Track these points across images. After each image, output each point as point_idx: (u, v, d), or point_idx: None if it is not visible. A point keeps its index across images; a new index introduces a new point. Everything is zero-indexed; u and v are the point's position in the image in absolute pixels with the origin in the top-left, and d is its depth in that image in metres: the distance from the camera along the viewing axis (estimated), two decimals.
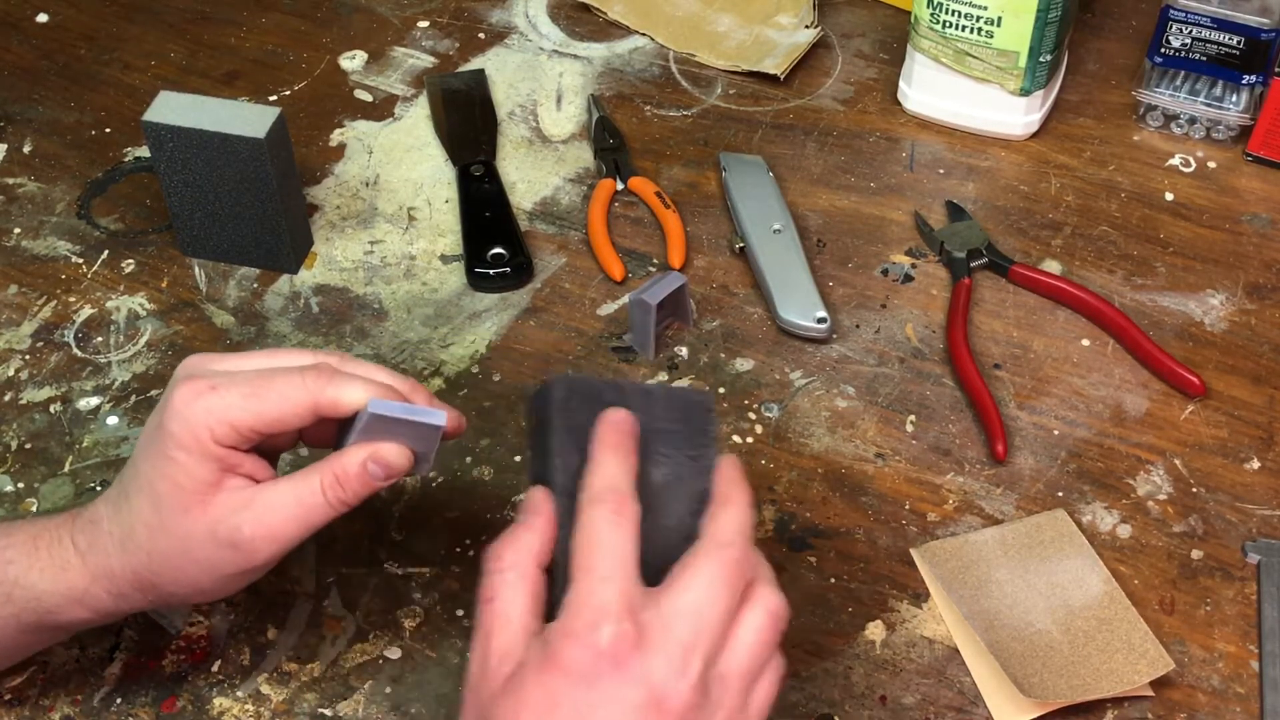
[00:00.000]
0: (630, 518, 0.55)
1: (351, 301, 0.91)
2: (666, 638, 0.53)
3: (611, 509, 0.55)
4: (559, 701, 0.52)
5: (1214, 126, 1.00)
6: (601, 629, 0.52)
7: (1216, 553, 0.77)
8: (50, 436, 0.83)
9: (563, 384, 0.59)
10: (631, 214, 0.97)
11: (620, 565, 0.54)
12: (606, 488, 0.56)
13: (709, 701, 0.53)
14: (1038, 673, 0.71)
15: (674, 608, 0.53)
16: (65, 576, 0.63)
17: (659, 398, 0.61)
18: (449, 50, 1.10)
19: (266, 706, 0.71)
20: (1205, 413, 0.84)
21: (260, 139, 0.85)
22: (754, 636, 0.55)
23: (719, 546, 0.55)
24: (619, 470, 0.57)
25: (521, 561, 0.56)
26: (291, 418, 0.61)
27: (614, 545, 0.54)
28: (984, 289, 0.91)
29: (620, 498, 0.56)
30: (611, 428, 0.58)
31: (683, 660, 0.52)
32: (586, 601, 0.53)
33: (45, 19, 1.14)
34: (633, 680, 0.52)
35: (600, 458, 0.57)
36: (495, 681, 0.53)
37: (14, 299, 0.92)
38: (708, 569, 0.55)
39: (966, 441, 0.83)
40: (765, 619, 0.55)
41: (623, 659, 0.52)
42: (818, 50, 1.09)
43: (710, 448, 0.60)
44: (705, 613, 0.54)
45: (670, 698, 0.52)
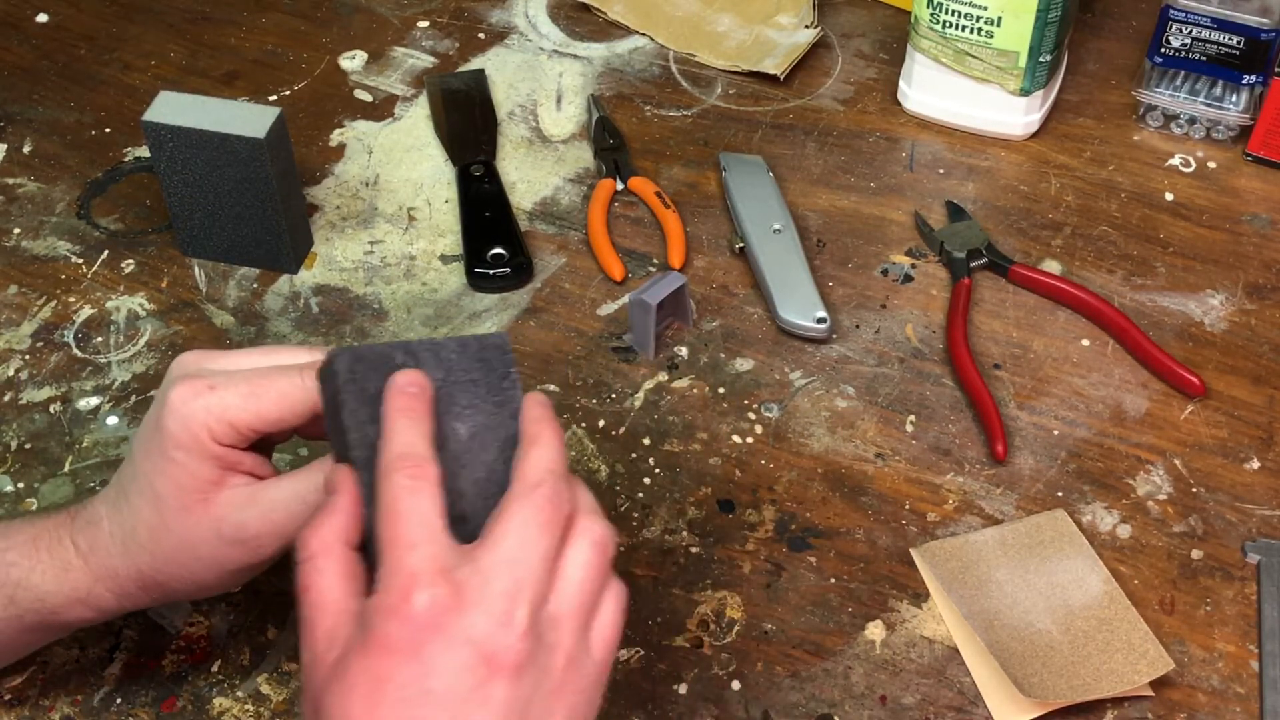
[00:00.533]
0: (429, 479, 0.53)
1: (351, 301, 0.91)
2: (485, 592, 0.51)
3: (408, 474, 0.53)
4: (387, 678, 0.50)
5: (1214, 126, 1.00)
6: (415, 597, 0.50)
7: (1216, 553, 0.77)
8: (50, 436, 0.83)
9: (346, 356, 0.57)
10: (631, 214, 0.97)
11: (425, 529, 0.52)
12: (400, 454, 0.54)
13: (543, 646, 0.52)
14: (1038, 673, 0.71)
15: (491, 560, 0.52)
16: (68, 577, 0.63)
17: (452, 350, 0.58)
18: (449, 50, 1.10)
19: (266, 706, 0.71)
20: (1205, 413, 0.84)
21: (260, 139, 0.85)
22: (581, 571, 0.54)
23: (529, 488, 0.54)
24: (411, 433, 0.55)
25: (329, 544, 0.54)
26: (291, 415, 0.61)
27: (416, 511, 0.53)
28: (984, 289, 0.91)
29: (416, 461, 0.54)
30: (398, 392, 0.56)
31: (505, 611, 0.51)
32: (396, 572, 0.51)
33: (45, 19, 1.14)
34: (457, 642, 0.50)
35: (391, 424, 0.55)
36: (323, 668, 0.52)
37: (14, 299, 0.92)
38: (520, 513, 0.53)
39: (966, 441, 0.83)
40: (590, 551, 0.54)
41: (442, 623, 0.50)
42: (818, 50, 1.09)
43: (513, 391, 0.59)
44: (523, 558, 0.52)
45: (500, 652, 0.51)
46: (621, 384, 0.86)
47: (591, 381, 0.86)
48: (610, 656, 0.55)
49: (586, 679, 0.54)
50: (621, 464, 0.81)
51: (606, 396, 0.85)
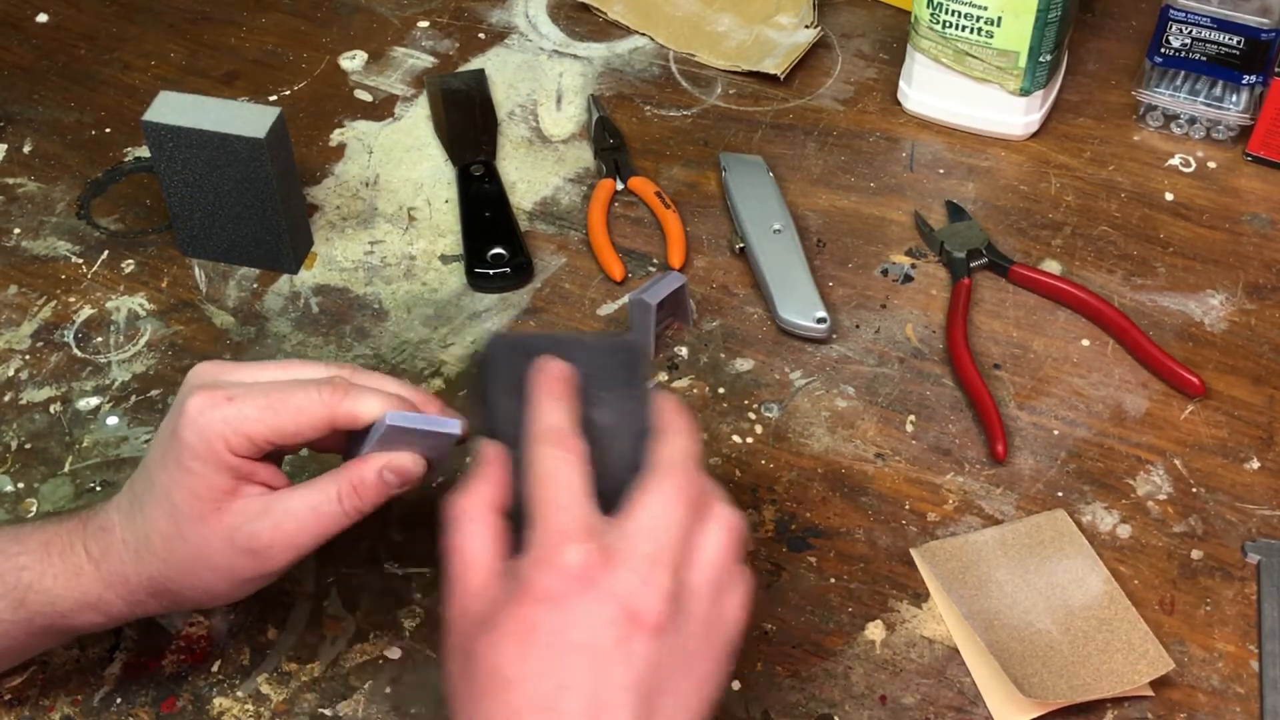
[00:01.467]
0: (576, 452, 0.57)
1: (351, 301, 0.91)
2: (631, 554, 0.54)
3: (556, 445, 0.57)
4: (536, 627, 0.53)
5: (1214, 126, 1.00)
6: (567, 552, 0.53)
7: (1216, 553, 0.77)
8: (50, 436, 0.83)
9: (499, 343, 0.62)
10: (631, 214, 0.97)
11: (575, 495, 0.55)
12: (548, 427, 0.57)
13: (681, 613, 0.54)
14: (1038, 673, 0.71)
15: (634, 526, 0.55)
16: (79, 582, 0.63)
17: (592, 345, 0.63)
18: (449, 50, 1.10)
19: (266, 706, 0.71)
20: (1205, 413, 0.84)
21: (260, 139, 0.85)
22: (716, 551, 0.56)
23: (668, 471, 0.57)
24: (559, 412, 0.58)
25: (479, 508, 0.57)
26: (308, 430, 0.62)
27: (566, 478, 0.56)
28: (984, 289, 0.91)
29: (563, 434, 0.57)
30: (546, 375, 0.60)
31: (649, 572, 0.53)
32: (549, 530, 0.54)
33: (45, 19, 1.14)
34: (604, 597, 0.53)
35: (540, 402, 0.58)
36: (473, 621, 0.55)
37: (14, 299, 0.92)
38: (661, 490, 0.56)
39: (966, 441, 0.83)
40: (725, 534, 0.57)
41: (592, 577, 0.53)
42: (818, 50, 1.09)
43: (647, 388, 0.62)
44: (665, 529, 0.55)
45: (643, 610, 0.53)
46: None
47: None
48: (736, 636, 0.57)
49: (716, 650, 0.56)
50: None
51: None
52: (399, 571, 0.76)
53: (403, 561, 0.77)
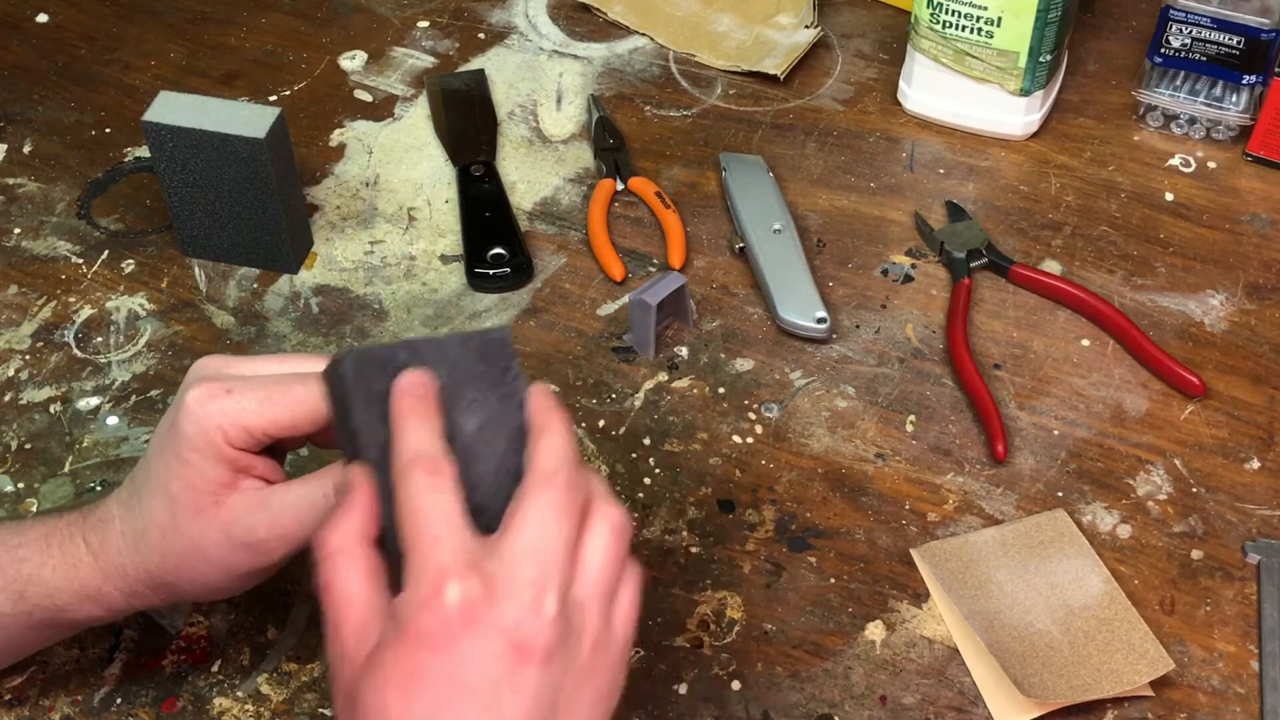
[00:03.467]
0: (447, 475, 0.54)
1: (351, 301, 0.91)
2: (514, 582, 0.52)
3: (425, 471, 0.54)
4: (422, 670, 0.51)
5: (1214, 126, 1.00)
6: (447, 590, 0.51)
7: (1216, 553, 0.77)
8: (50, 436, 0.83)
9: (351, 358, 0.57)
10: (631, 214, 0.97)
11: (448, 524, 0.53)
12: (414, 452, 0.54)
13: (572, 631, 0.53)
14: (1038, 673, 0.71)
15: (515, 550, 0.52)
16: (78, 575, 0.63)
17: (455, 346, 0.59)
18: (449, 50, 1.10)
19: (266, 706, 0.71)
20: (1205, 413, 0.84)
21: (260, 139, 0.85)
22: (602, 556, 0.54)
23: (545, 477, 0.54)
24: (423, 432, 0.55)
25: (349, 542, 0.55)
26: (305, 423, 0.61)
27: (438, 506, 0.53)
28: (984, 289, 0.91)
29: (431, 459, 0.54)
30: (404, 392, 0.56)
31: (535, 599, 0.52)
32: (425, 566, 0.52)
33: (45, 19, 1.14)
34: (489, 632, 0.51)
35: (402, 425, 0.55)
36: (355, 663, 0.53)
37: (14, 299, 0.92)
38: (539, 502, 0.54)
39: (966, 441, 0.83)
40: (609, 536, 0.55)
41: (474, 615, 0.51)
42: (818, 50, 1.09)
43: (517, 384, 0.59)
44: (547, 546, 0.53)
45: (532, 639, 0.51)
46: (621, 384, 0.86)
47: (591, 381, 0.86)
48: (631, 637, 0.56)
49: (611, 660, 0.55)
50: (621, 464, 0.81)
51: (606, 396, 0.85)
52: None
53: None
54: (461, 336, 0.59)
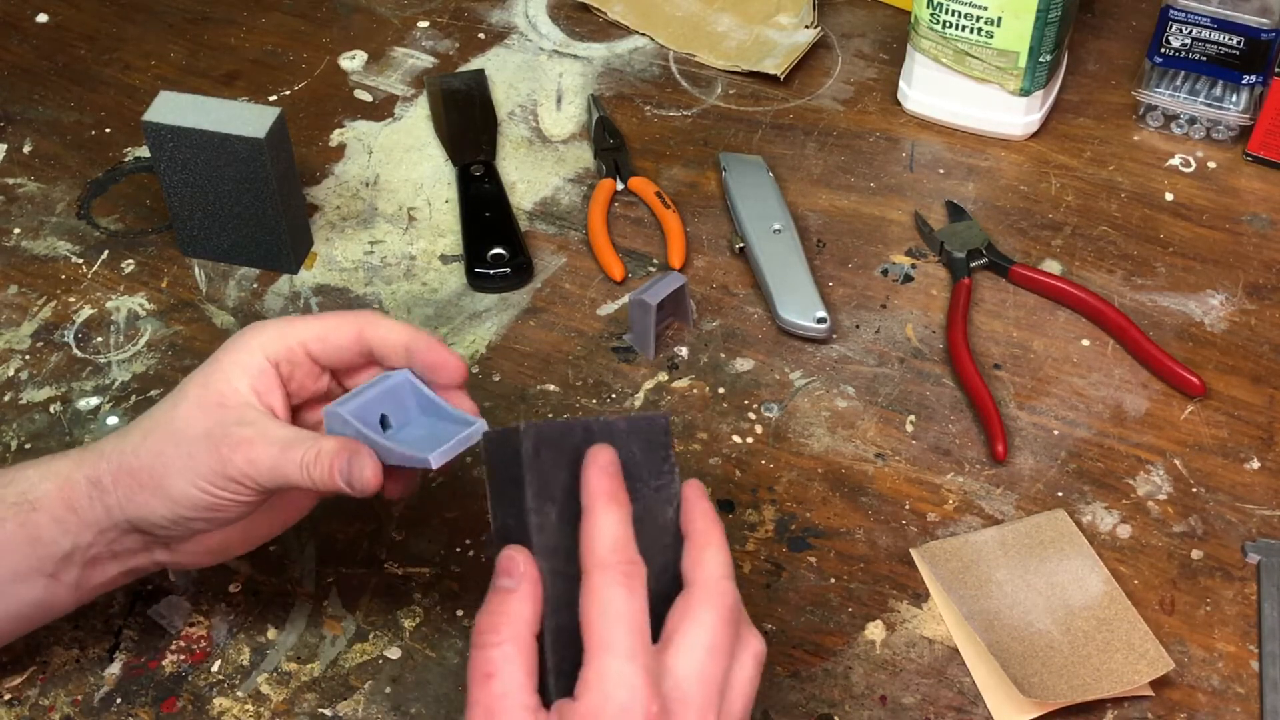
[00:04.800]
0: (640, 580, 0.53)
1: (351, 301, 0.91)
2: (687, 706, 0.52)
3: (622, 574, 0.53)
4: None
5: (1214, 126, 1.00)
6: (632, 712, 0.51)
7: (1216, 553, 0.77)
8: (50, 436, 0.83)
9: (532, 433, 0.56)
10: (631, 214, 0.97)
11: (639, 636, 0.52)
12: (613, 548, 0.54)
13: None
14: (1038, 673, 0.71)
15: (686, 671, 0.53)
16: (54, 465, 0.65)
17: (621, 429, 0.58)
18: (449, 50, 1.10)
19: (266, 706, 0.71)
20: (1205, 413, 0.84)
21: (260, 139, 0.85)
22: (747, 685, 0.56)
23: (712, 595, 0.55)
24: (621, 525, 0.54)
25: (517, 634, 0.54)
26: (335, 335, 0.64)
27: (629, 615, 0.53)
28: (984, 289, 0.91)
29: (629, 561, 0.53)
30: (602, 473, 0.55)
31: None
32: (612, 682, 0.51)
33: (45, 19, 1.14)
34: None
35: (600, 512, 0.54)
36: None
37: (14, 299, 0.92)
38: (707, 619, 0.54)
39: (966, 441, 0.83)
40: (753, 665, 0.56)
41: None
42: (818, 50, 1.09)
43: (673, 475, 0.58)
44: (715, 670, 0.54)
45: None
46: (621, 384, 0.86)
47: (591, 381, 0.86)
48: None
49: None
50: None
51: (606, 396, 0.85)
52: (399, 571, 0.76)
53: (403, 561, 0.77)
54: (627, 420, 0.58)
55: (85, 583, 0.66)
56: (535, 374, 0.86)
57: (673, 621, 0.54)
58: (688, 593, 0.55)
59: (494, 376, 0.86)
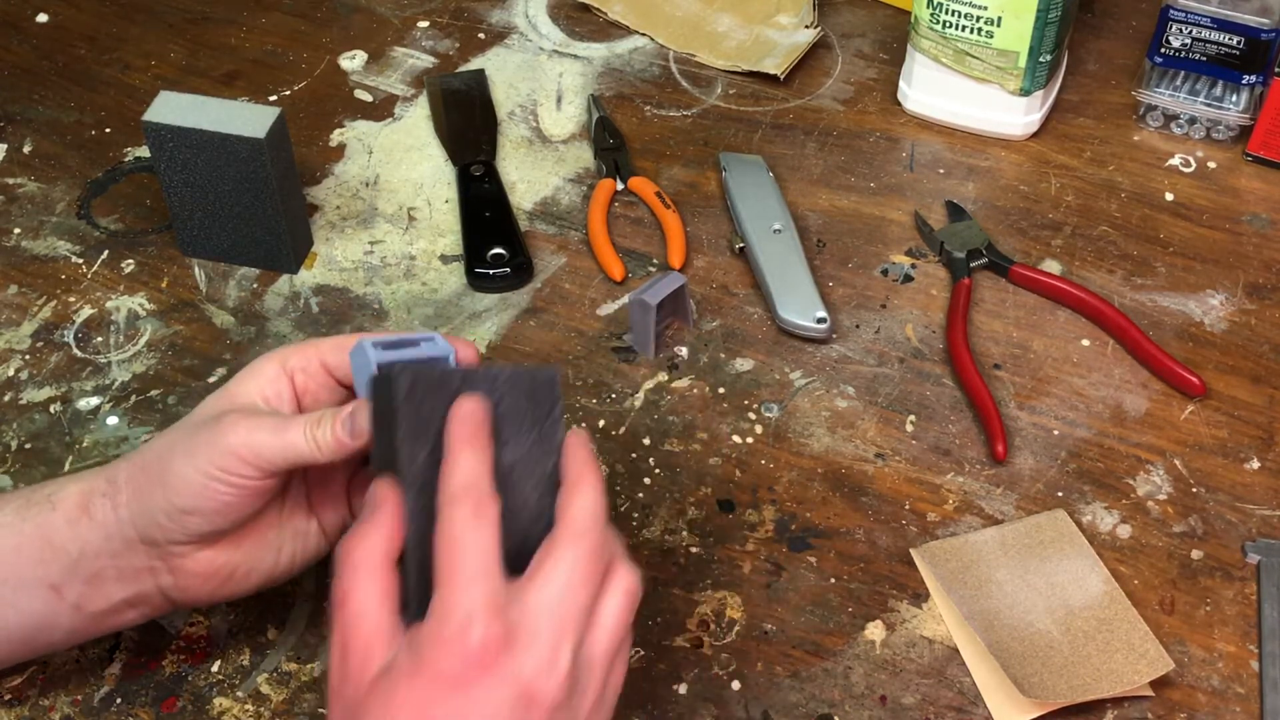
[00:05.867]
0: (491, 516, 0.55)
1: (351, 301, 0.91)
2: (535, 635, 0.53)
3: (472, 508, 0.55)
4: (431, 707, 0.52)
5: (1214, 126, 1.00)
6: (470, 633, 0.52)
7: (1216, 553, 0.77)
8: (50, 436, 0.83)
9: (407, 373, 0.58)
10: (631, 214, 0.97)
11: (484, 566, 0.54)
12: (466, 485, 0.55)
13: (578, 689, 0.54)
14: (1038, 673, 0.71)
15: (539, 602, 0.54)
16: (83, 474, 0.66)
17: (505, 379, 0.59)
18: (449, 50, 1.10)
19: (266, 706, 0.71)
20: (1205, 413, 0.84)
21: (260, 139, 0.85)
22: (614, 619, 0.56)
23: (576, 535, 0.56)
24: (476, 465, 0.56)
25: (373, 559, 0.56)
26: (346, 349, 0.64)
27: (477, 545, 0.54)
28: (984, 289, 0.91)
29: (480, 495, 0.55)
30: (467, 419, 0.57)
31: (551, 654, 0.53)
32: (454, 605, 0.53)
33: (45, 19, 1.14)
34: (504, 680, 0.52)
35: (456, 453, 0.56)
36: (359, 683, 0.54)
37: (14, 299, 0.92)
38: (568, 558, 0.55)
39: (966, 441, 0.83)
40: (623, 599, 0.56)
41: (492, 661, 0.52)
42: (818, 50, 1.09)
43: (556, 426, 0.60)
44: (570, 603, 0.54)
45: (542, 692, 0.53)
46: (621, 384, 0.86)
47: (591, 381, 0.86)
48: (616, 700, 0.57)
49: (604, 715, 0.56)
50: (621, 464, 0.81)
51: (606, 396, 0.85)
52: None
53: None
54: (513, 370, 0.60)
55: (86, 604, 0.65)
56: None
57: (537, 558, 0.55)
58: (553, 531, 0.56)
59: None
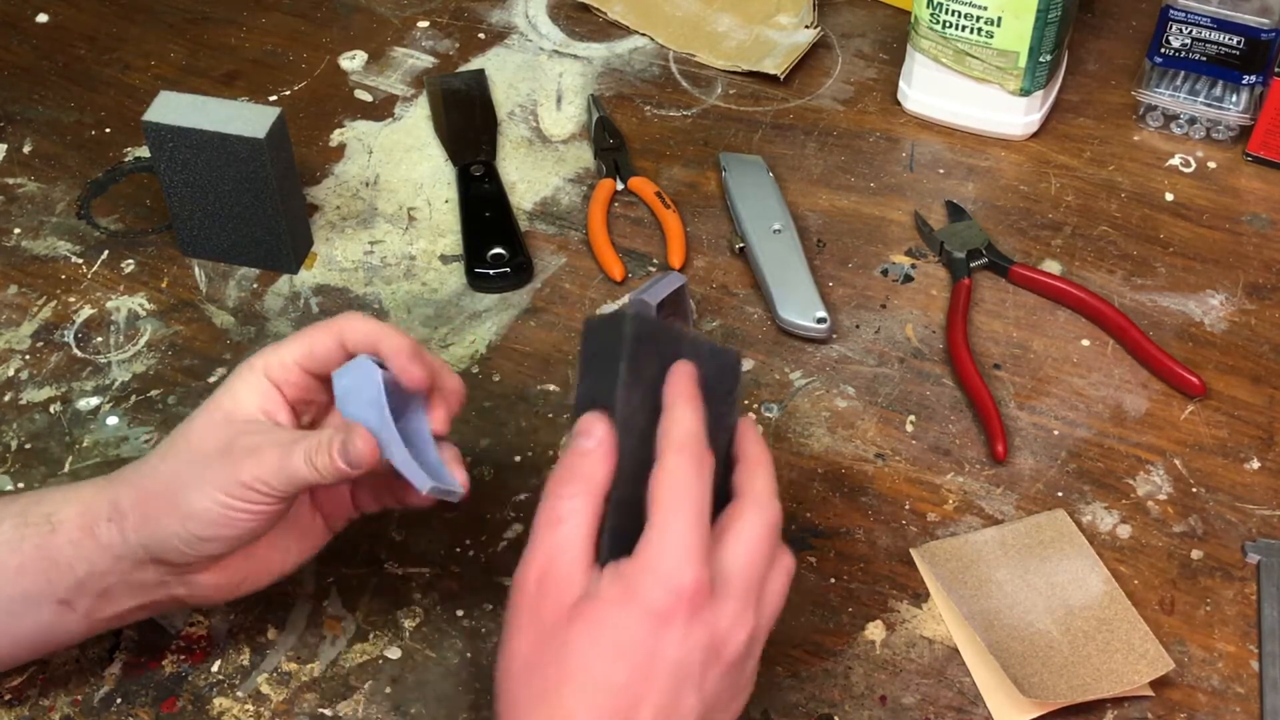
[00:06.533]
0: (709, 470, 0.58)
1: (351, 302, 0.91)
2: (732, 589, 0.57)
3: (694, 458, 0.58)
4: (637, 635, 0.55)
5: (1214, 126, 1.00)
6: (684, 573, 0.55)
7: (1216, 553, 0.77)
8: (50, 436, 0.83)
9: (635, 319, 0.60)
10: (631, 214, 0.97)
11: (701, 514, 0.57)
12: (689, 436, 0.58)
13: (750, 652, 0.58)
14: (1038, 673, 0.71)
15: (735, 560, 0.57)
16: (78, 493, 0.66)
17: (706, 351, 0.63)
18: (449, 50, 1.10)
19: (266, 706, 0.71)
20: (1205, 413, 0.84)
21: (260, 139, 0.85)
22: (778, 595, 0.60)
23: (762, 506, 0.59)
24: (695, 422, 0.59)
25: (589, 490, 0.58)
26: (321, 349, 0.65)
27: (697, 494, 0.57)
28: (984, 289, 0.91)
29: (702, 449, 0.58)
30: (687, 379, 0.60)
31: (742, 611, 0.57)
32: (671, 544, 0.56)
33: (45, 19, 1.14)
34: (704, 624, 0.56)
35: (679, 407, 0.59)
36: (559, 605, 0.56)
37: (14, 299, 0.92)
38: (757, 526, 0.58)
39: (966, 441, 0.83)
40: (785, 577, 0.60)
41: (698, 604, 0.55)
42: (818, 50, 1.09)
43: (733, 408, 0.64)
44: (756, 569, 0.58)
45: (729, 645, 0.57)
46: None
47: None
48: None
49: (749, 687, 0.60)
50: None
51: None
52: (399, 571, 0.76)
53: (403, 561, 0.77)
54: (711, 346, 0.63)
55: (96, 613, 0.66)
56: (535, 374, 0.86)
57: (724, 521, 0.59)
58: (739, 500, 0.60)
59: (494, 377, 0.86)
